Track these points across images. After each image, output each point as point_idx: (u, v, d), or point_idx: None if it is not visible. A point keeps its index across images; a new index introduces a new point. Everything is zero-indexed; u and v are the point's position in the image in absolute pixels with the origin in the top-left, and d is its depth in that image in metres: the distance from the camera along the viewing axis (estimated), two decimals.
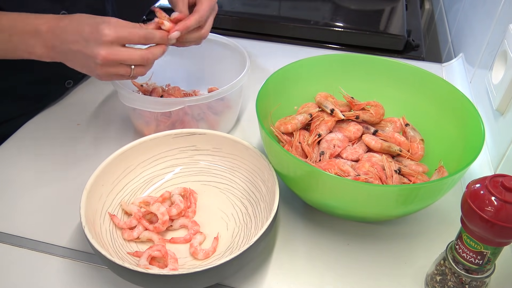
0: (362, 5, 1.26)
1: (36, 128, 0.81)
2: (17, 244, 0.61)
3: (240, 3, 1.24)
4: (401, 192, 0.53)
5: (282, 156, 0.57)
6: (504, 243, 0.46)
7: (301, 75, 0.73)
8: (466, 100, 0.64)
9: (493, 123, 0.74)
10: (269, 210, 0.57)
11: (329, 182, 0.54)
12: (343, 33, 1.11)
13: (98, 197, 0.59)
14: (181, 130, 0.67)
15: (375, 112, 0.70)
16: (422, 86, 0.71)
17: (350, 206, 0.56)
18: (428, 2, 1.55)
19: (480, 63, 0.86)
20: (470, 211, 0.45)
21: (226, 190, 0.67)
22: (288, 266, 0.59)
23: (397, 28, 1.12)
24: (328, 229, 0.64)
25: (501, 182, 0.43)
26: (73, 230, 0.62)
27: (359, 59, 0.75)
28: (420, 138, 0.69)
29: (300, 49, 1.08)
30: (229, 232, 0.62)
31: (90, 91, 0.90)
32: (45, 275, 0.57)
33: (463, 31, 1.06)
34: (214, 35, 0.83)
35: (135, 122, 0.77)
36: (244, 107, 0.87)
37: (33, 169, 0.72)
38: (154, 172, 0.68)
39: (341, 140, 0.67)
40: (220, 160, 0.69)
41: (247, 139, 0.66)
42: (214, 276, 0.51)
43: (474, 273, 0.50)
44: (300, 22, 1.14)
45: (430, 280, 0.55)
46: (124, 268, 0.48)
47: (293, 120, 0.68)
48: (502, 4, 0.81)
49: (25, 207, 0.66)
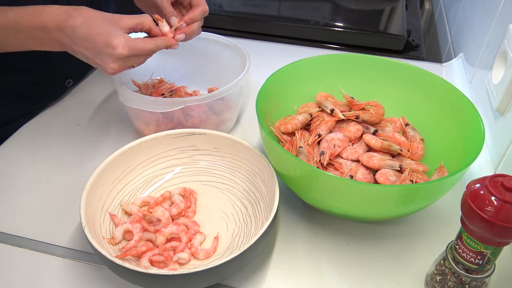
0: (362, 5, 1.26)
1: (36, 128, 0.81)
2: (17, 244, 0.61)
3: (240, 3, 1.24)
4: (401, 192, 0.53)
5: (282, 156, 0.57)
6: (504, 243, 0.46)
7: (301, 75, 0.73)
8: (466, 100, 0.64)
9: (493, 123, 0.74)
10: (269, 210, 0.57)
11: (329, 182, 0.54)
12: (343, 33, 1.11)
13: (98, 197, 0.59)
14: (181, 130, 0.67)
15: (375, 112, 0.70)
16: (422, 86, 0.71)
17: (350, 206, 0.56)
18: (428, 2, 1.55)
19: (480, 63, 0.86)
20: (470, 211, 0.45)
21: (226, 190, 0.67)
22: (288, 266, 0.59)
23: (397, 28, 1.12)
24: (328, 229, 0.64)
25: (501, 182, 0.43)
26: (73, 230, 0.62)
27: (359, 59, 0.75)
28: (420, 138, 0.69)
29: (300, 49, 1.08)
30: (229, 232, 0.62)
31: (90, 91, 0.90)
32: (45, 275, 0.57)
33: (463, 31, 1.06)
34: (214, 35, 0.83)
35: (135, 122, 0.77)
36: (244, 107, 0.87)
37: (33, 169, 0.72)
38: (154, 172, 0.68)
39: (341, 140, 0.67)
40: (220, 160, 0.69)
41: (247, 139, 0.66)
42: (214, 276, 0.51)
43: (474, 273, 0.50)
44: (300, 22, 1.14)
45: (430, 280, 0.55)
46: (124, 268, 0.48)
47: (293, 120, 0.68)
48: (502, 4, 0.81)
49: (25, 207, 0.66)
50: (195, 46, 0.79)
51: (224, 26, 1.16)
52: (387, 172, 0.62)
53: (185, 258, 0.56)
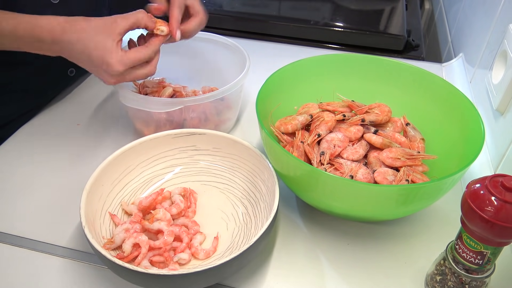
0: (362, 5, 1.26)
1: (36, 128, 0.81)
2: (17, 244, 0.61)
3: (240, 3, 1.24)
4: (401, 192, 0.53)
5: (282, 156, 0.57)
6: (504, 243, 0.46)
7: (301, 75, 0.73)
8: (466, 100, 0.64)
9: (493, 123, 0.74)
10: (269, 210, 0.57)
11: (329, 182, 0.54)
12: (343, 33, 1.11)
13: (98, 197, 0.59)
14: (181, 130, 0.67)
15: (381, 111, 0.70)
16: (422, 86, 0.71)
17: (350, 206, 0.56)
18: (428, 2, 1.55)
19: (480, 63, 0.86)
20: (470, 211, 0.45)
21: (226, 190, 0.67)
22: (288, 266, 0.59)
23: (397, 28, 1.12)
24: (328, 229, 0.64)
25: (501, 182, 0.43)
26: (73, 230, 0.62)
27: (359, 59, 0.75)
28: (420, 138, 0.69)
29: (300, 49, 1.08)
30: (229, 232, 0.62)
31: (90, 91, 0.90)
32: (45, 275, 0.57)
33: (463, 31, 1.06)
34: (214, 35, 0.83)
35: (135, 122, 0.77)
36: (244, 107, 0.87)
37: (33, 169, 0.72)
38: (154, 172, 0.68)
39: (341, 140, 0.67)
40: (220, 160, 0.69)
41: (247, 139, 0.66)
42: (214, 276, 0.51)
43: (474, 273, 0.50)
44: (300, 22, 1.14)
45: (430, 280, 0.55)
46: (124, 268, 0.48)
47: (294, 120, 0.68)
48: (502, 4, 0.81)
49: (25, 207, 0.66)
50: (195, 46, 0.79)
51: (224, 26, 1.16)
52: (386, 171, 0.62)
53: (186, 259, 0.56)
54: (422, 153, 0.66)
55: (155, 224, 0.59)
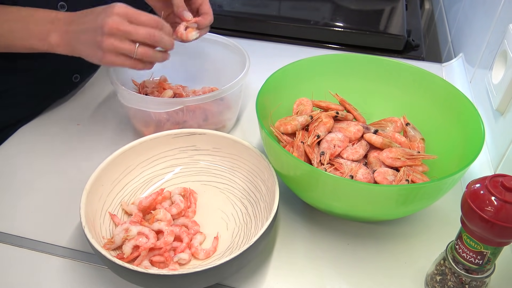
0: (362, 5, 1.26)
1: (36, 128, 0.81)
2: (17, 244, 0.61)
3: (240, 3, 1.24)
4: (401, 192, 0.53)
5: (282, 156, 0.57)
6: (504, 243, 0.46)
7: (301, 75, 0.73)
8: (466, 100, 0.64)
9: (493, 123, 0.74)
10: (269, 210, 0.57)
11: (329, 182, 0.54)
12: (343, 33, 1.11)
13: (98, 197, 0.59)
14: (181, 130, 0.67)
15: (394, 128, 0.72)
16: (422, 86, 0.71)
17: (350, 206, 0.56)
18: (428, 2, 1.55)
19: (480, 63, 0.86)
20: (470, 211, 0.45)
21: (226, 190, 0.67)
22: (288, 266, 0.59)
23: (397, 28, 1.12)
24: (328, 229, 0.64)
25: (501, 182, 0.43)
26: (73, 230, 0.62)
27: (359, 59, 0.75)
28: (420, 138, 0.69)
29: (300, 49, 1.08)
30: (229, 232, 0.62)
31: (90, 91, 0.90)
32: (45, 275, 0.57)
33: (463, 31, 1.06)
34: (214, 35, 0.83)
35: (135, 122, 0.77)
36: (244, 107, 0.87)
37: (33, 169, 0.72)
38: (154, 172, 0.68)
39: (341, 140, 0.67)
40: (220, 160, 0.69)
41: (247, 139, 0.66)
42: (214, 276, 0.51)
43: (474, 273, 0.50)
44: (300, 22, 1.14)
45: (430, 280, 0.55)
46: (124, 268, 0.48)
47: (293, 121, 0.68)
48: (502, 4, 0.81)
49: (25, 207, 0.66)
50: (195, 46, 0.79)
51: (224, 26, 1.16)
52: (386, 171, 0.62)
53: (186, 259, 0.56)
54: (422, 153, 0.66)
55: (155, 224, 0.59)
